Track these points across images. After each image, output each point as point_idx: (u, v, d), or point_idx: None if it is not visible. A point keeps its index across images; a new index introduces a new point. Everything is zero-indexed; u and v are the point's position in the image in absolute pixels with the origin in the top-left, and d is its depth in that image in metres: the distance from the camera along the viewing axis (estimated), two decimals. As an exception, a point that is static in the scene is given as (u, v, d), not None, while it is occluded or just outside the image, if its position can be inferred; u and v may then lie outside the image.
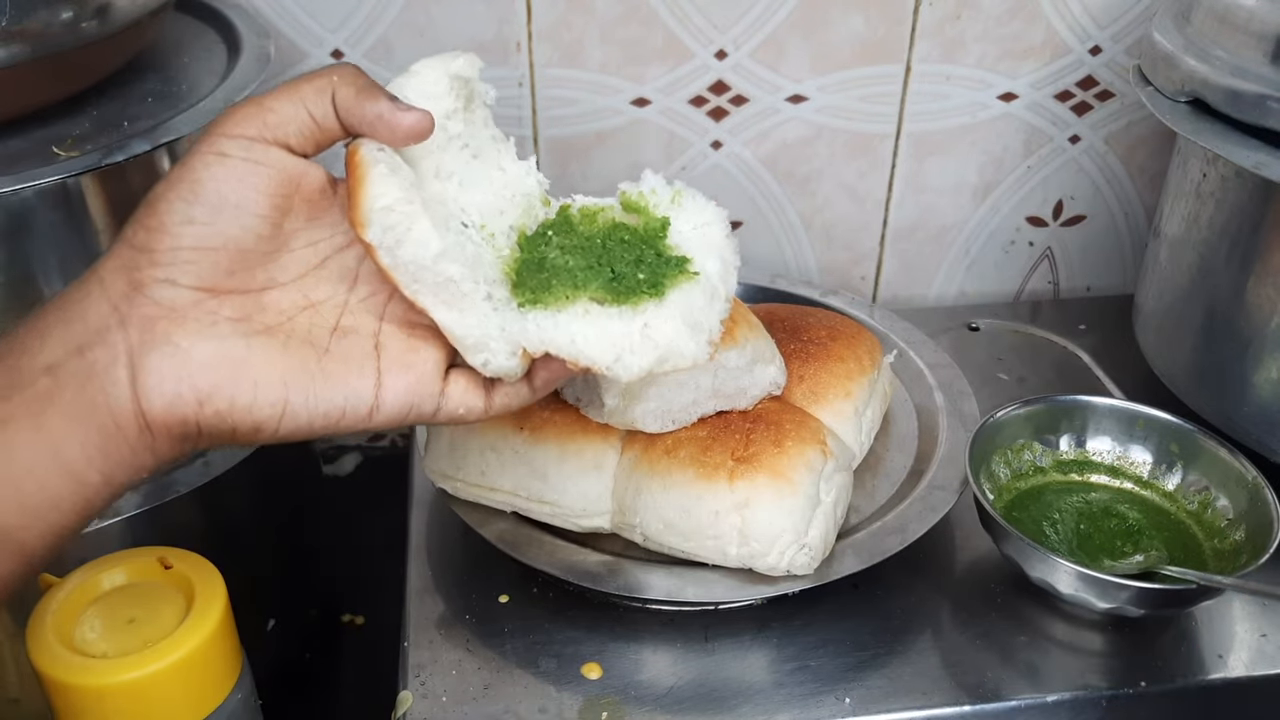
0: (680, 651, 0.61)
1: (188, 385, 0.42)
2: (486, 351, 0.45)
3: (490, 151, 0.50)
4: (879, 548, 0.62)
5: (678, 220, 0.50)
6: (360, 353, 0.45)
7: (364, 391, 0.44)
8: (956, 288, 1.00)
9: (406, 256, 0.43)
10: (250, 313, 0.44)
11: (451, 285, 0.44)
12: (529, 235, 0.49)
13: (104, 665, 0.50)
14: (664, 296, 0.47)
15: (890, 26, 0.86)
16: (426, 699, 0.58)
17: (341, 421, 0.44)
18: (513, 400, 0.48)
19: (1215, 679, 0.61)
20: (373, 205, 0.43)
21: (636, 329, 0.46)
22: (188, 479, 0.64)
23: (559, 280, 0.47)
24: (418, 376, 0.45)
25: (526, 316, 0.46)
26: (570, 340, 0.46)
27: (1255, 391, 0.70)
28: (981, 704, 0.58)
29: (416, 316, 0.46)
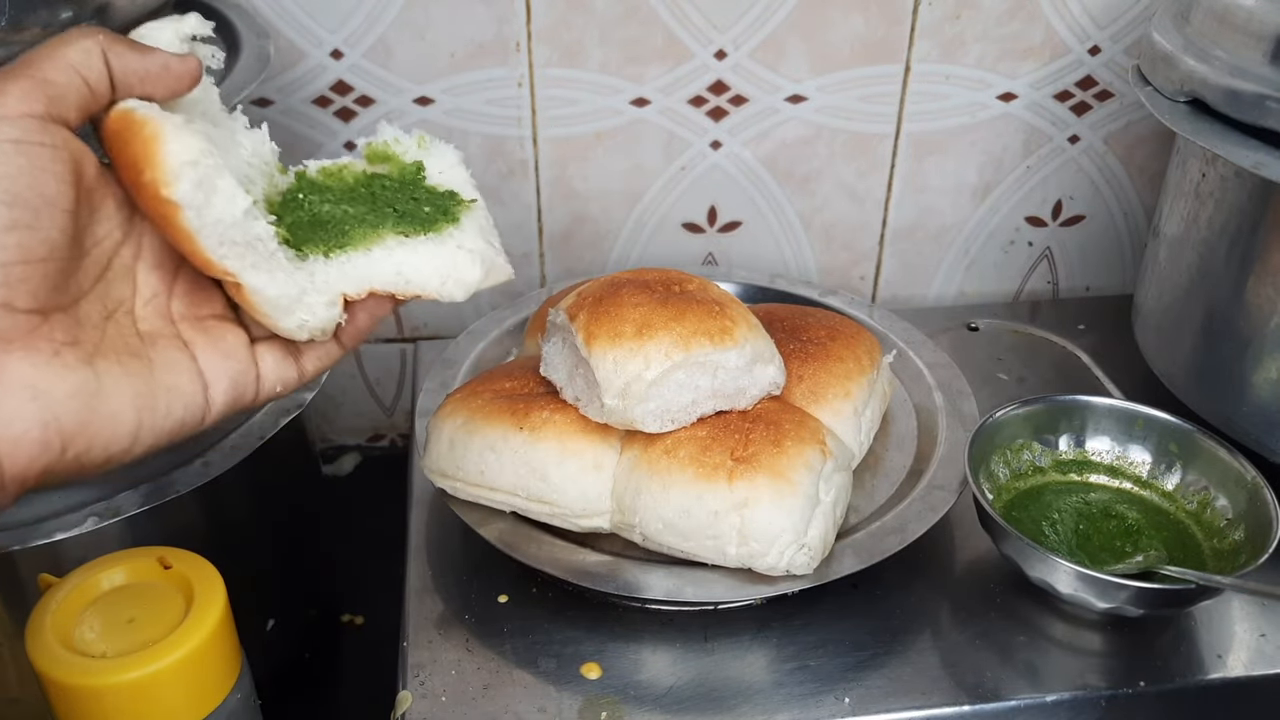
0: (680, 651, 0.61)
1: (54, 430, 0.37)
2: (302, 309, 0.44)
3: (224, 120, 0.47)
4: (878, 548, 0.62)
5: (426, 164, 0.50)
6: (178, 356, 0.42)
7: (195, 396, 0.42)
8: (956, 288, 1.00)
9: (215, 214, 0.41)
10: (76, 333, 0.39)
11: (259, 244, 0.42)
12: (279, 202, 0.47)
13: (103, 665, 0.50)
14: (459, 221, 0.48)
15: (889, 26, 0.86)
16: (426, 699, 0.58)
17: (180, 433, 0.42)
18: (325, 360, 0.47)
19: (1214, 679, 0.61)
20: (179, 159, 0.39)
21: (452, 249, 0.47)
22: (187, 479, 0.64)
23: (351, 225, 0.46)
24: (234, 363, 0.43)
25: (339, 261, 0.45)
26: (396, 272, 0.46)
27: (1255, 391, 0.70)
28: (981, 704, 0.58)
29: (199, 308, 0.44)
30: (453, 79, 0.84)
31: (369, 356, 0.97)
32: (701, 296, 0.64)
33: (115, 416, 0.39)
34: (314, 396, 0.71)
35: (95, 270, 0.41)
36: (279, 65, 0.82)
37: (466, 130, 0.86)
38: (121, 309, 0.42)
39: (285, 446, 0.72)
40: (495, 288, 0.49)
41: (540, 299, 0.82)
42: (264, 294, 0.43)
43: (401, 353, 0.97)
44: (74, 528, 0.60)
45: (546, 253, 0.93)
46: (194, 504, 0.65)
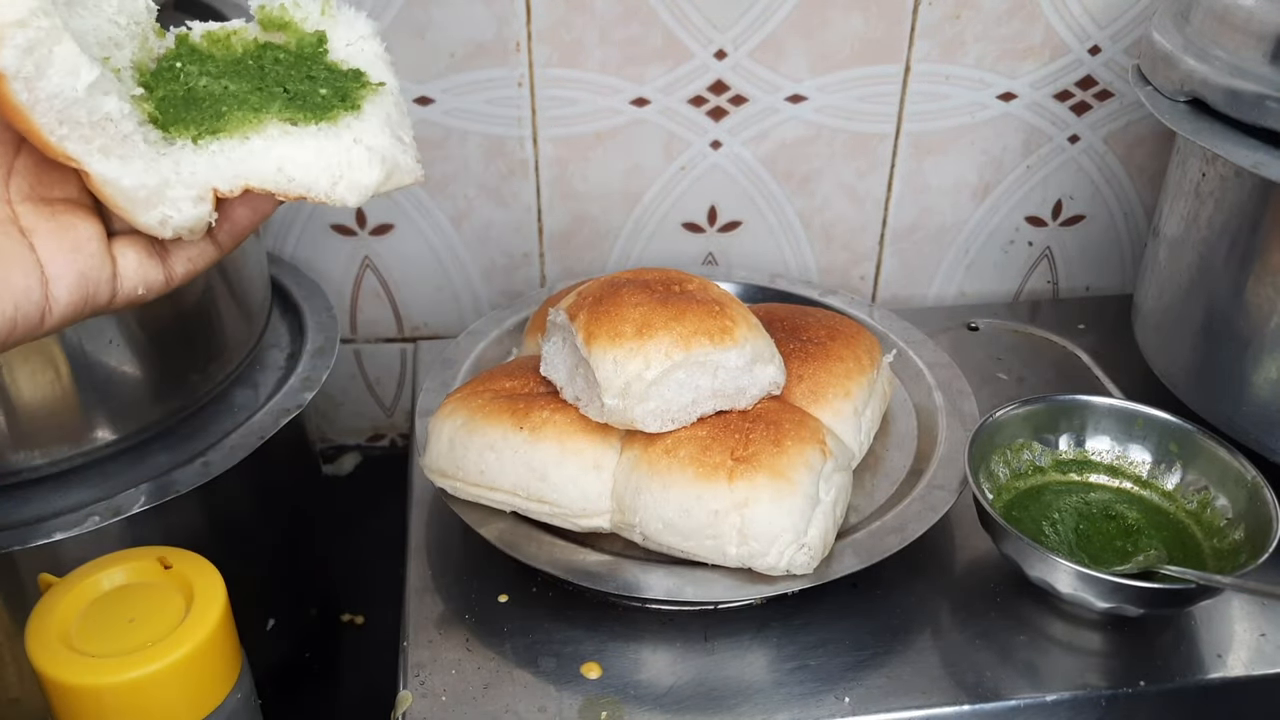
0: (680, 651, 0.61)
1: None
2: (164, 204, 0.38)
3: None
4: (878, 547, 0.62)
5: (331, 36, 0.43)
6: (10, 245, 0.36)
7: (31, 290, 0.36)
8: (956, 287, 1.00)
9: (51, 88, 0.35)
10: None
11: (109, 125, 0.37)
12: (152, 71, 0.41)
13: (104, 665, 0.50)
14: (360, 110, 0.41)
15: (889, 26, 0.86)
16: (426, 698, 0.58)
17: (12, 335, 0.36)
18: (198, 261, 0.41)
19: (1214, 678, 0.61)
20: (3, 19, 0.34)
21: (348, 144, 0.40)
22: (187, 479, 0.64)
23: (229, 106, 0.40)
24: (85, 257, 0.38)
25: (209, 150, 0.39)
26: (277, 168, 0.40)
27: (1254, 391, 0.70)
28: (981, 703, 0.58)
29: (47, 189, 0.38)
30: (453, 79, 0.84)
31: (369, 356, 0.97)
32: (701, 296, 0.64)
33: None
34: (314, 396, 0.71)
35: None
36: (279, 65, 0.82)
37: (466, 130, 0.86)
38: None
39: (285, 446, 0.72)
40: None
41: (540, 299, 0.82)
42: (116, 184, 0.37)
43: (401, 352, 0.97)
44: (74, 528, 0.60)
45: (546, 253, 0.93)
46: (194, 504, 0.65)
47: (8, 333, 0.36)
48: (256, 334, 0.74)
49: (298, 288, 0.82)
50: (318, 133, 0.40)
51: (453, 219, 0.90)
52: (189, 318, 0.67)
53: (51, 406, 0.61)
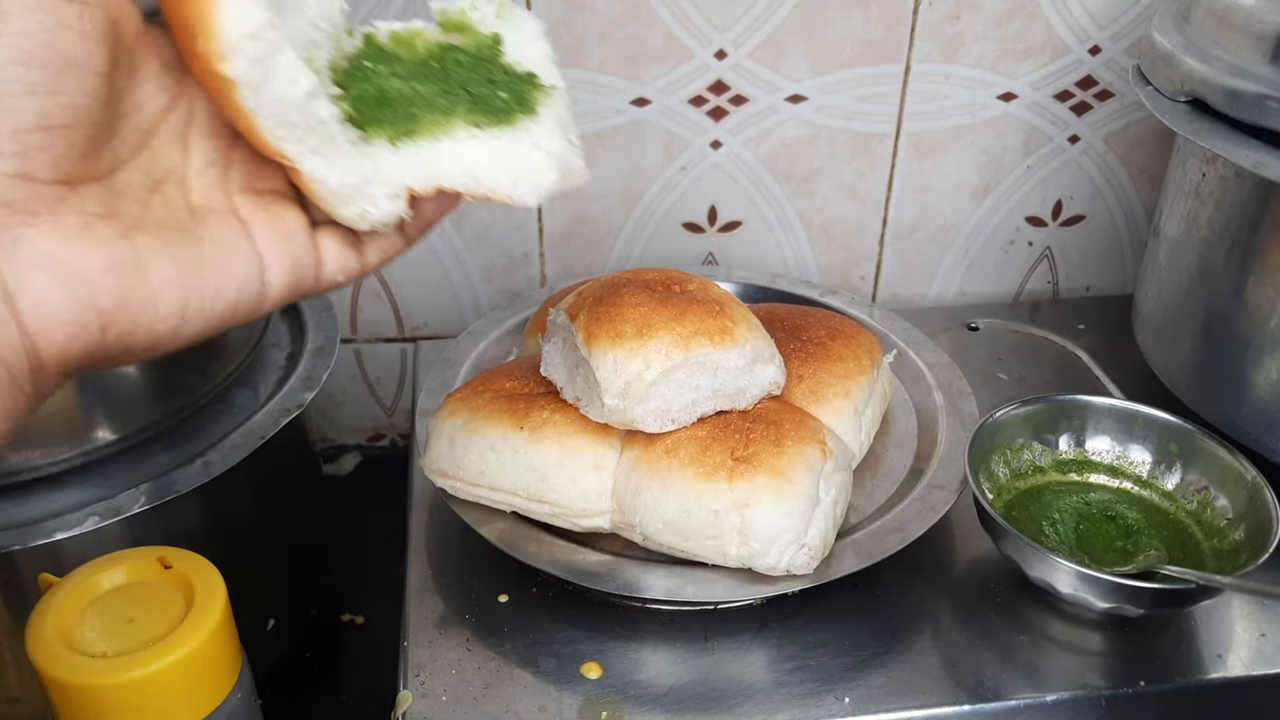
0: (680, 651, 0.61)
1: (90, 308, 0.35)
2: (363, 200, 0.40)
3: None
4: (878, 547, 0.62)
5: (504, 37, 0.45)
6: (232, 233, 0.39)
7: (251, 276, 0.39)
8: (956, 287, 1.00)
9: (274, 94, 0.37)
10: (113, 206, 0.36)
11: (321, 127, 0.39)
12: (345, 70, 0.43)
13: (104, 665, 0.50)
14: (536, 113, 0.43)
15: (890, 26, 0.86)
16: (426, 698, 0.58)
17: (235, 316, 0.39)
18: (389, 251, 0.44)
19: (1214, 678, 0.61)
20: (236, 31, 0.35)
21: (528, 148, 0.42)
22: (187, 479, 0.64)
23: (420, 108, 0.42)
24: (295, 246, 0.40)
25: (405, 151, 0.41)
26: (466, 169, 0.42)
27: (1255, 391, 0.70)
28: (981, 703, 0.58)
29: (260, 181, 0.40)
30: (453, 79, 0.84)
31: (369, 356, 0.97)
32: (702, 296, 0.64)
33: (158, 295, 0.36)
34: (314, 396, 0.71)
35: (137, 137, 0.38)
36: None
37: (467, 130, 0.86)
38: (170, 179, 0.39)
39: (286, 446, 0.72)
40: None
41: (540, 299, 0.82)
42: (324, 181, 0.39)
43: (402, 352, 0.97)
44: (74, 527, 0.60)
45: (547, 253, 0.93)
46: (194, 503, 0.65)
47: (230, 315, 0.38)
48: (257, 334, 0.74)
49: (298, 288, 0.82)
50: (501, 135, 0.42)
51: (453, 219, 0.90)
52: (189, 318, 0.66)
53: (51, 406, 0.61)
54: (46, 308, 0.34)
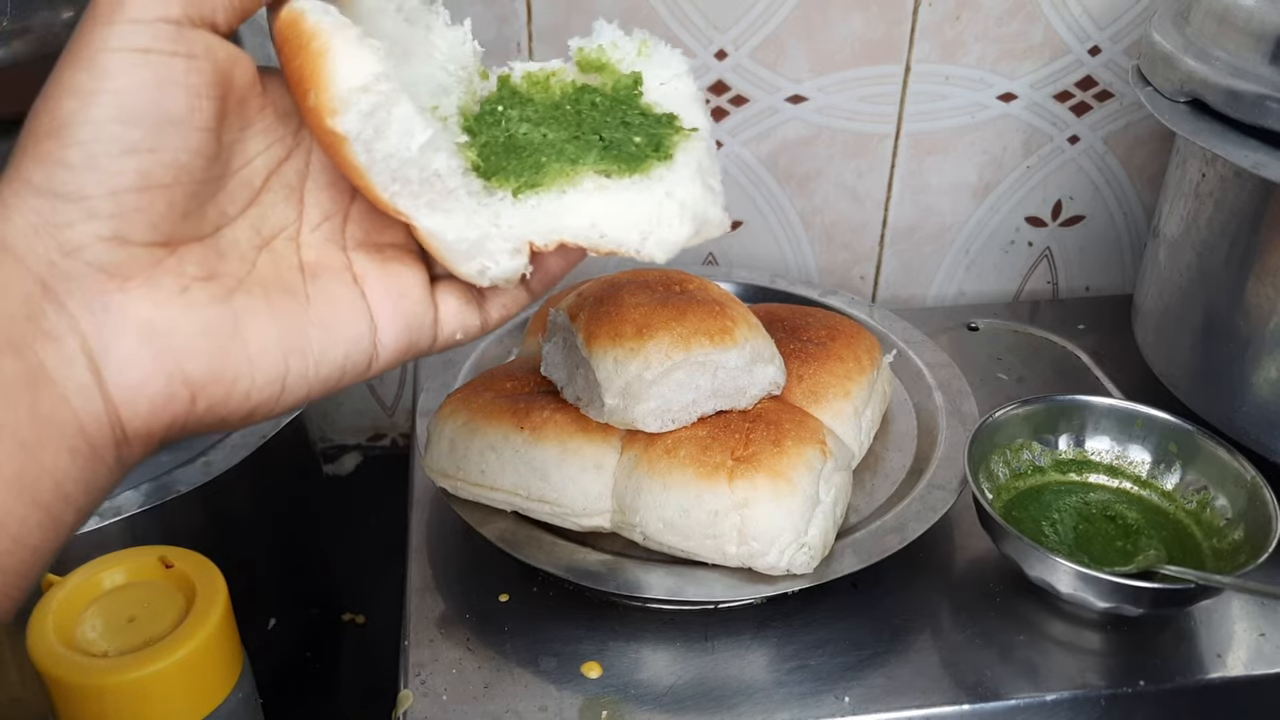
0: (680, 651, 0.61)
1: (178, 377, 0.33)
2: (483, 256, 0.38)
3: (422, 17, 0.41)
4: (878, 547, 0.62)
5: (645, 75, 0.43)
6: (344, 292, 0.37)
7: (362, 338, 0.37)
8: (956, 288, 1.01)
9: (388, 149, 0.35)
10: (214, 267, 0.35)
11: (437, 181, 0.37)
12: (475, 115, 0.41)
13: (104, 664, 0.50)
14: (673, 159, 0.40)
15: (889, 27, 0.86)
16: (427, 698, 0.58)
17: (341, 380, 0.37)
18: (512, 307, 0.41)
19: (1214, 678, 0.61)
20: (348, 84, 0.34)
21: (660, 199, 0.39)
22: (188, 478, 0.64)
23: (547, 157, 0.40)
24: (410, 304, 0.38)
25: (527, 204, 0.39)
26: (590, 223, 0.39)
27: (1254, 391, 0.70)
28: (980, 703, 0.59)
29: (379, 235, 0.39)
30: (453, 79, 0.84)
31: (369, 356, 0.97)
32: (701, 296, 0.64)
33: (255, 361, 0.34)
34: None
35: (247, 192, 0.36)
36: (280, 65, 0.82)
37: (467, 130, 0.86)
38: (283, 235, 0.37)
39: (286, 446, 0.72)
40: None
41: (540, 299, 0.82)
42: (440, 237, 0.37)
43: (402, 352, 0.97)
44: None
45: (547, 252, 0.93)
46: (195, 503, 0.65)
47: (338, 378, 0.37)
48: (257, 334, 0.74)
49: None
50: (631, 185, 0.39)
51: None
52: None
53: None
54: (133, 377, 0.32)
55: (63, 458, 0.31)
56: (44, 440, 0.31)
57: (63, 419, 0.31)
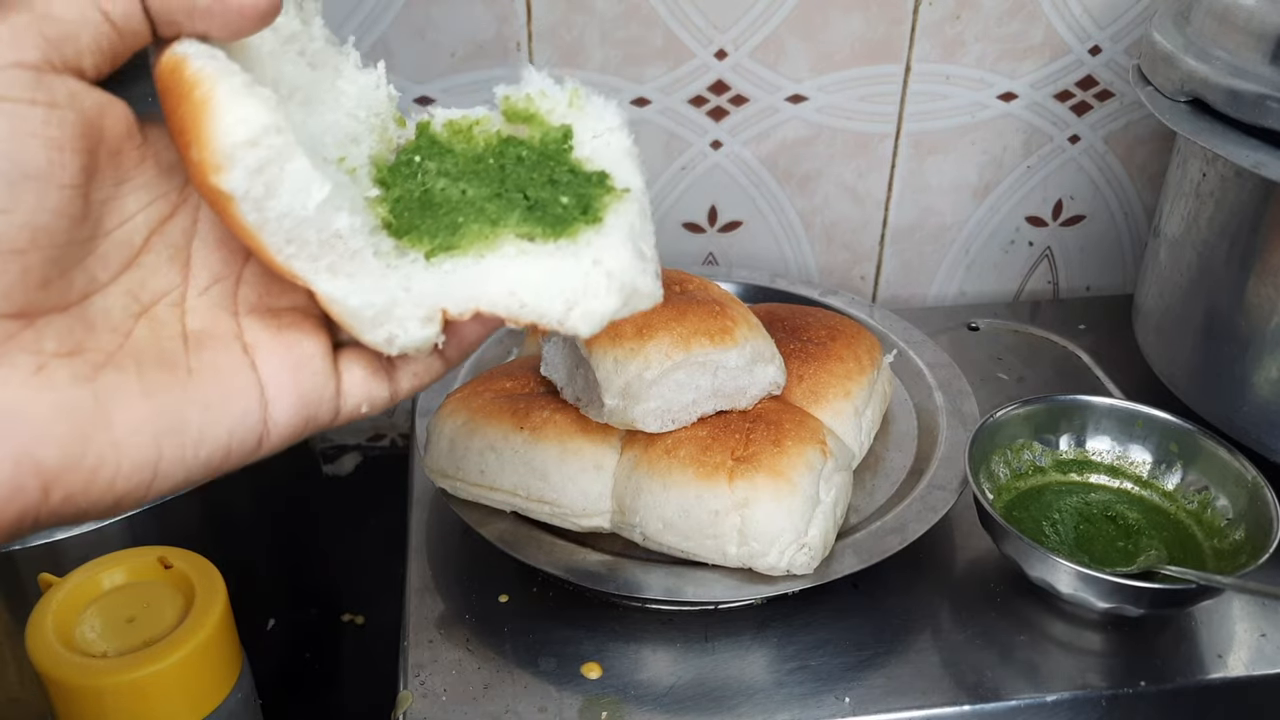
0: (680, 651, 0.61)
1: (28, 468, 0.29)
2: (391, 323, 0.34)
3: (329, 59, 0.38)
4: (879, 547, 0.62)
5: (577, 128, 0.39)
6: (231, 363, 0.33)
7: (249, 415, 0.33)
8: (956, 287, 1.00)
9: (280, 208, 0.32)
10: (80, 340, 0.31)
11: (339, 242, 0.33)
12: (390, 166, 0.38)
13: (104, 665, 0.50)
14: (603, 222, 0.36)
15: (890, 26, 0.86)
16: (426, 698, 0.58)
17: (225, 463, 0.33)
18: (424, 378, 0.37)
19: (1215, 678, 0.61)
20: (233, 138, 0.30)
21: (586, 267, 0.35)
22: (188, 479, 0.64)
23: (465, 216, 0.36)
24: (308, 375, 0.34)
25: (441, 268, 0.35)
26: (509, 292, 0.35)
27: (1255, 391, 0.70)
28: (981, 703, 0.58)
29: (275, 298, 0.35)
30: (453, 79, 0.84)
31: (369, 356, 0.97)
32: (702, 296, 0.64)
33: (121, 447, 0.30)
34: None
35: (123, 254, 0.32)
36: (279, 65, 0.82)
37: (467, 130, 0.86)
38: (165, 300, 0.33)
39: (286, 446, 0.72)
40: None
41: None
42: (344, 303, 0.34)
43: (402, 352, 0.97)
44: (74, 527, 0.60)
45: (547, 252, 0.93)
46: (194, 503, 0.65)
47: (220, 462, 0.33)
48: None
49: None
50: (556, 250, 0.35)
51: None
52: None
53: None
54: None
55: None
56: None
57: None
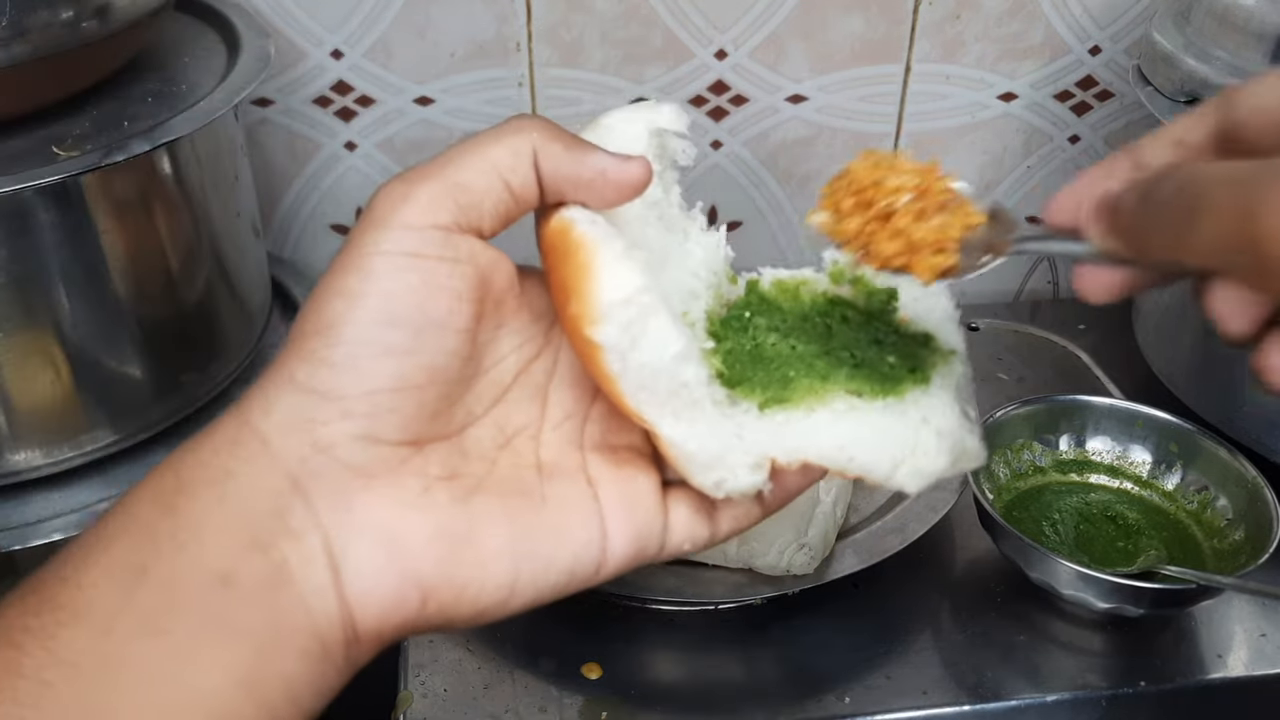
0: (680, 651, 0.61)
1: (412, 580, 0.32)
2: (722, 468, 0.36)
3: (679, 222, 0.41)
4: (879, 547, 0.62)
5: (901, 289, 0.41)
6: (577, 495, 0.36)
7: (591, 544, 0.35)
8: (956, 287, 1.00)
9: (642, 359, 0.34)
10: (457, 466, 0.34)
11: (684, 391, 0.35)
12: (722, 320, 0.40)
13: (104, 665, 0.50)
14: (930, 382, 0.38)
15: (890, 26, 0.86)
16: (426, 698, 0.58)
17: (569, 586, 0.35)
18: (742, 522, 0.38)
19: (1214, 678, 0.61)
20: (611, 297, 0.34)
21: (915, 425, 0.36)
22: (188, 479, 0.64)
23: (796, 371, 0.38)
24: (642, 511, 0.36)
25: (774, 420, 0.37)
26: (839, 446, 0.36)
27: (1255, 391, 0.70)
28: (981, 704, 0.58)
29: (615, 436, 0.37)
30: (453, 79, 0.84)
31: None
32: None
33: (485, 565, 0.33)
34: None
35: (494, 391, 0.36)
36: (279, 65, 0.82)
37: (467, 130, 0.86)
38: (524, 434, 0.37)
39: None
40: None
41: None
42: (682, 447, 0.35)
43: (402, 352, 0.97)
44: (74, 528, 0.60)
45: (547, 252, 0.93)
46: (194, 504, 0.65)
47: (564, 585, 0.35)
48: (257, 334, 0.74)
49: (298, 288, 0.82)
50: (883, 409, 0.37)
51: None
52: (189, 318, 0.66)
53: (51, 406, 0.61)
54: (368, 579, 0.32)
55: (295, 660, 0.31)
56: (279, 642, 0.31)
57: (298, 622, 0.31)
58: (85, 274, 0.59)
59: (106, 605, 0.30)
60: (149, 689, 0.29)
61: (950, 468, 0.36)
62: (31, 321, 0.58)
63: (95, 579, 0.31)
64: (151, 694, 0.29)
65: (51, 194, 0.56)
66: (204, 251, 0.66)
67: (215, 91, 0.63)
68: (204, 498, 0.31)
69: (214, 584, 0.30)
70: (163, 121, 0.60)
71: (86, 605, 0.30)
